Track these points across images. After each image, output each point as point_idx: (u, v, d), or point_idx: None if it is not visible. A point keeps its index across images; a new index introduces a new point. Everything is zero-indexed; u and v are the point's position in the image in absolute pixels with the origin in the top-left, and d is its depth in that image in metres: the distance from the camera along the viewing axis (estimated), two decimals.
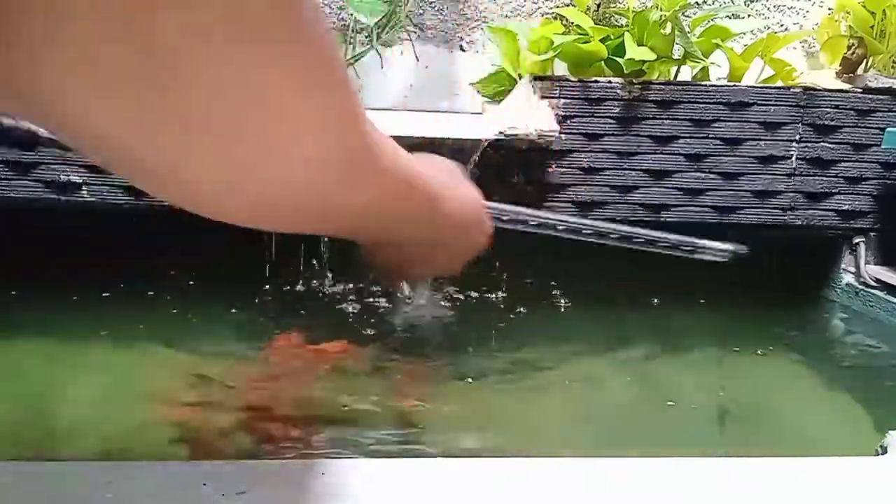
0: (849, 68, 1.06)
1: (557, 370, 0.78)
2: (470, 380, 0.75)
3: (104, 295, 0.89)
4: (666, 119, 0.95)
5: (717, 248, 0.74)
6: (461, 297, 0.95)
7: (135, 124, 0.23)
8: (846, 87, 0.98)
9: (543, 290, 1.01)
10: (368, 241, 0.41)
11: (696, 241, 0.74)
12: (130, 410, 0.65)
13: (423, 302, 0.92)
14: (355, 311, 0.90)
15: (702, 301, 0.99)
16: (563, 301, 0.99)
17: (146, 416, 0.63)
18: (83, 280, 0.92)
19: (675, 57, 0.97)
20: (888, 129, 0.94)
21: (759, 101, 0.95)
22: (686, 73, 1.01)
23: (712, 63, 0.98)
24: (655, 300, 0.98)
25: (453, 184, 0.42)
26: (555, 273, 1.03)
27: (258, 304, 0.92)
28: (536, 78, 0.93)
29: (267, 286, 0.95)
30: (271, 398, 0.67)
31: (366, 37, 1.08)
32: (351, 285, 0.95)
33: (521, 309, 0.95)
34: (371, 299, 0.92)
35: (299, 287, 0.95)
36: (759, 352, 0.87)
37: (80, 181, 0.89)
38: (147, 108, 0.22)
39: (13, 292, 0.87)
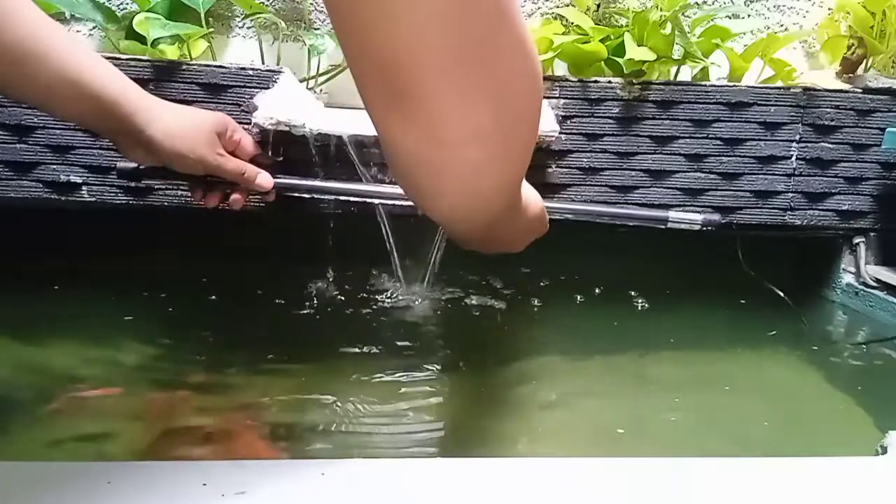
0: (849, 68, 1.06)
1: (553, 368, 0.79)
2: (472, 378, 0.75)
3: (103, 295, 0.89)
4: (666, 119, 0.95)
5: (688, 220, 0.78)
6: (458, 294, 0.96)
7: None
8: (846, 87, 0.98)
9: (545, 286, 1.01)
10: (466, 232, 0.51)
11: (669, 213, 0.78)
12: (131, 409, 0.65)
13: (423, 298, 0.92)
14: (353, 312, 0.90)
15: (701, 300, 0.99)
16: (559, 298, 0.99)
17: (145, 416, 0.63)
18: (83, 280, 0.93)
19: (675, 57, 0.97)
20: (888, 130, 0.94)
21: (759, 101, 0.95)
22: (686, 74, 1.01)
23: (712, 63, 0.98)
24: (653, 299, 0.98)
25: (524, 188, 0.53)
26: (548, 268, 1.03)
27: (257, 305, 0.92)
28: None
29: (266, 286, 0.96)
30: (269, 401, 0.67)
31: None
32: (347, 286, 0.95)
33: (523, 305, 0.95)
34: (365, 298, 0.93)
35: (297, 289, 0.95)
36: (758, 351, 0.87)
37: (80, 181, 0.89)
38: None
39: (13, 293, 0.87)
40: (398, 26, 0.30)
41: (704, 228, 0.82)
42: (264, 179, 0.76)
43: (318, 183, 0.80)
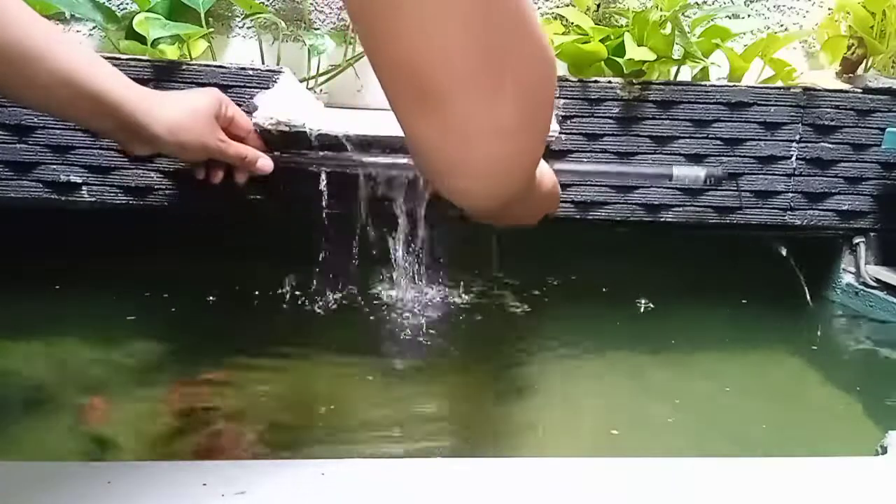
0: (849, 68, 1.06)
1: (554, 368, 0.79)
2: (470, 378, 0.75)
3: (104, 295, 0.89)
4: (666, 119, 0.95)
5: (692, 175, 0.81)
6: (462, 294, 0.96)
7: None
8: (846, 87, 0.98)
9: (545, 287, 1.01)
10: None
11: (673, 169, 0.81)
12: (130, 409, 0.65)
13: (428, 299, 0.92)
14: (351, 313, 0.90)
15: (701, 301, 0.99)
16: (560, 300, 0.99)
17: (144, 416, 0.63)
18: (83, 280, 0.93)
19: (675, 57, 0.97)
20: (888, 130, 0.94)
21: (759, 101, 0.95)
22: (686, 74, 1.01)
23: (712, 63, 0.98)
24: (653, 299, 0.98)
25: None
26: (547, 269, 1.03)
27: (257, 305, 0.92)
28: None
29: (266, 286, 0.95)
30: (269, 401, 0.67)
31: None
32: (347, 286, 0.95)
33: (522, 306, 0.95)
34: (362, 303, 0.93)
35: (295, 291, 0.95)
36: (758, 351, 0.87)
37: (80, 181, 0.89)
38: None
39: (13, 292, 0.87)
40: (406, 26, 0.31)
41: (708, 182, 0.85)
42: (265, 163, 0.79)
43: (322, 154, 0.83)
